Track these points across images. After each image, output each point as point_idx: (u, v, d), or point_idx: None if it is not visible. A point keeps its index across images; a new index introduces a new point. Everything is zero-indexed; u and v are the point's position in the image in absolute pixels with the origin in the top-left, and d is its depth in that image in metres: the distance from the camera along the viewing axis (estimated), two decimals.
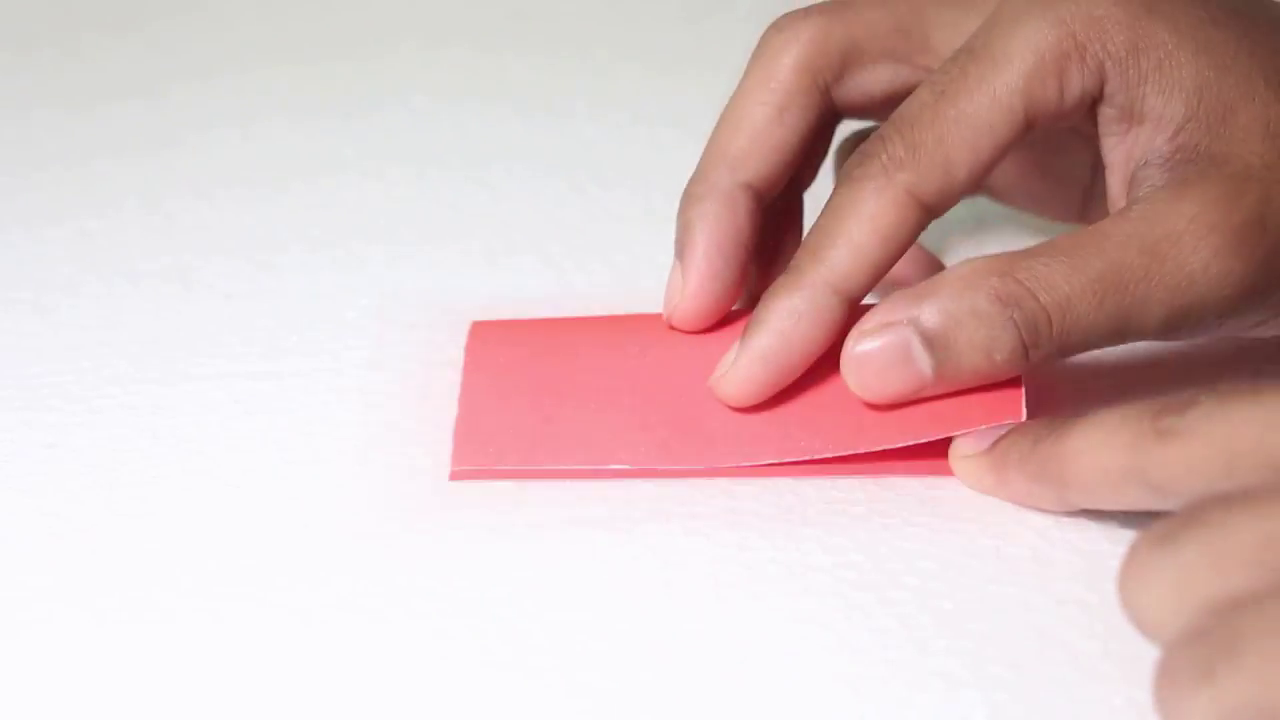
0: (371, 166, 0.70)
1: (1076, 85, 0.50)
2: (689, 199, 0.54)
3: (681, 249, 0.53)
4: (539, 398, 0.53)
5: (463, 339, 0.57)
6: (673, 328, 0.54)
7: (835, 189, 0.51)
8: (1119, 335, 0.49)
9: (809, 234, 0.51)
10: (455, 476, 0.51)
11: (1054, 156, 0.58)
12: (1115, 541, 0.47)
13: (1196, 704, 0.38)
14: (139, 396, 0.56)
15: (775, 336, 0.50)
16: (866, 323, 0.50)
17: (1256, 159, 0.49)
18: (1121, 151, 0.51)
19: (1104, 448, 0.45)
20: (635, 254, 0.63)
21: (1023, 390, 0.50)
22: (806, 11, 0.54)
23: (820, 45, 0.53)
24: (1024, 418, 0.49)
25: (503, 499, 0.50)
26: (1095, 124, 0.51)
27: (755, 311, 0.51)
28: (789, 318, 0.50)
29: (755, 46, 0.54)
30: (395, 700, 0.44)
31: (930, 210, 0.50)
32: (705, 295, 0.53)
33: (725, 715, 0.43)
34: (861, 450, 0.50)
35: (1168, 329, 0.49)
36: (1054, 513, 0.48)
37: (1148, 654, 0.43)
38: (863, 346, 0.49)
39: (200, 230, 0.65)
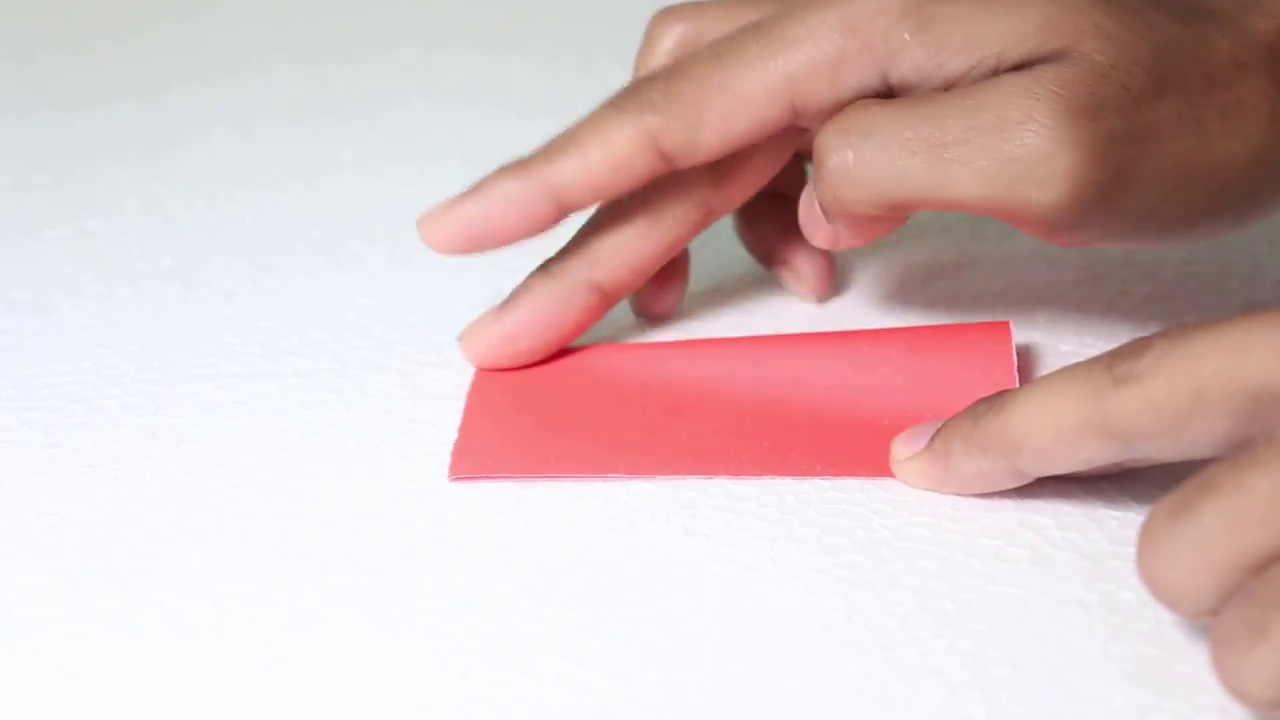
0: (371, 167, 0.70)
1: (854, 80, 0.50)
2: (541, 275, 0.55)
3: (508, 306, 0.55)
4: (539, 416, 0.53)
5: None
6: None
7: (597, 108, 0.53)
8: (936, 193, 0.49)
9: (555, 136, 0.53)
10: (454, 479, 0.51)
11: None
12: (1116, 541, 0.47)
13: (1255, 661, 0.39)
14: (139, 397, 0.56)
15: (483, 216, 0.53)
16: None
17: (1099, 55, 0.48)
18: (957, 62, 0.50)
19: (1056, 405, 0.45)
20: None
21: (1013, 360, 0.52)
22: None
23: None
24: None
25: (503, 499, 0.50)
26: None
27: (484, 178, 0.53)
28: (502, 200, 0.53)
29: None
30: (395, 700, 0.44)
31: (668, 160, 0.52)
32: (498, 351, 0.55)
33: (725, 715, 0.43)
34: (858, 476, 0.50)
35: (986, 202, 0.48)
36: (1007, 489, 0.48)
37: (1148, 653, 0.44)
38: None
39: (200, 230, 0.65)
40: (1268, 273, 0.59)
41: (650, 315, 0.58)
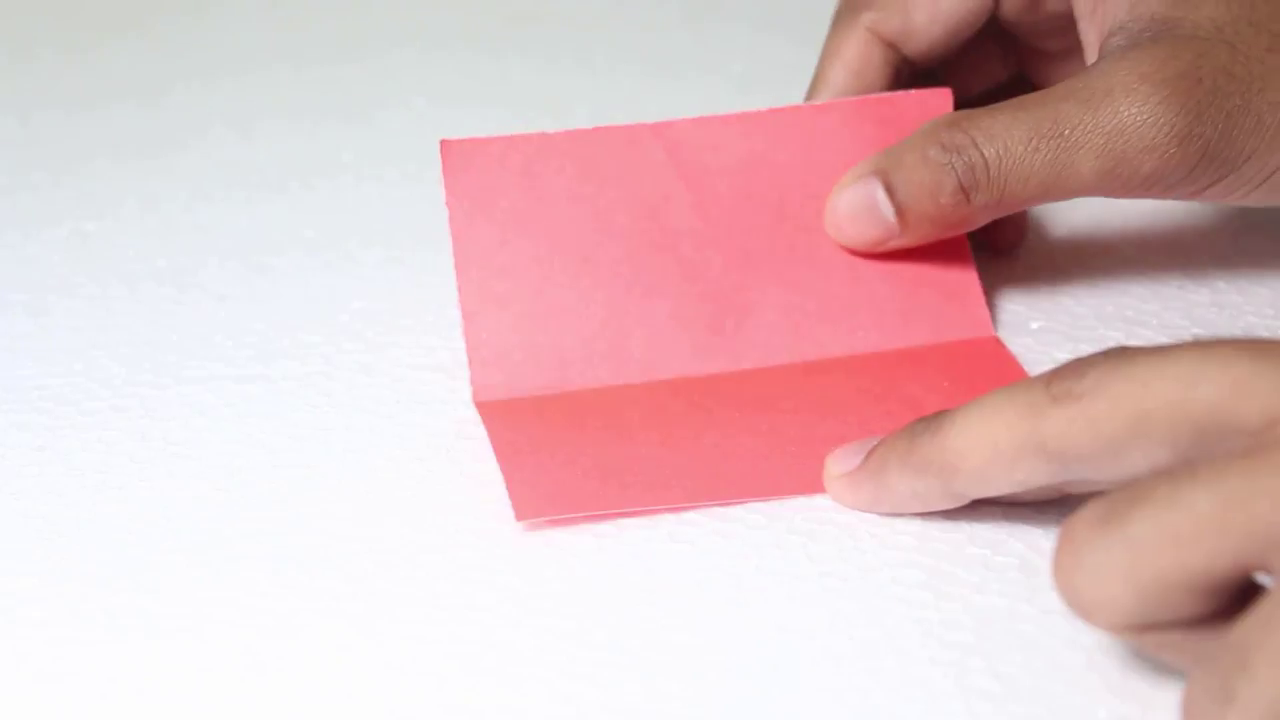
0: (369, 169, 0.70)
1: None
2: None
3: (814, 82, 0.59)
4: (579, 453, 0.52)
5: (457, 344, 0.57)
6: None
7: None
8: (1057, 184, 0.52)
9: None
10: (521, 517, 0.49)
11: None
12: None
13: None
14: (130, 399, 0.56)
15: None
16: (846, 176, 0.54)
17: (1207, 21, 0.52)
18: (1093, 30, 0.54)
19: (993, 424, 0.44)
20: None
21: (987, 311, 0.55)
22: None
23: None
24: (994, 332, 0.54)
25: (490, 505, 0.50)
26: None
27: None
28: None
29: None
30: (382, 705, 0.44)
31: (893, 47, 0.57)
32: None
33: None
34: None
35: (1102, 179, 0.52)
36: (940, 510, 0.48)
37: (1132, 666, 0.43)
38: (838, 197, 0.55)
39: (196, 232, 0.65)
40: (1265, 279, 0.59)
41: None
